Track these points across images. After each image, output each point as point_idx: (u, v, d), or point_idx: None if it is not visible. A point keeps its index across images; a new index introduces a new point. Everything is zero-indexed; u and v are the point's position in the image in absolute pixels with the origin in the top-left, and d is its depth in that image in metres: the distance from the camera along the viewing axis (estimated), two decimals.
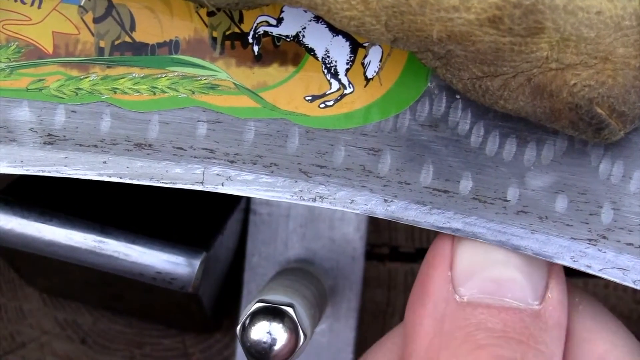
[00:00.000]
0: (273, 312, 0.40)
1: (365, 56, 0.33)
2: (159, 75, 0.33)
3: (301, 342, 0.40)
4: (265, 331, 0.39)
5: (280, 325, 0.39)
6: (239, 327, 0.39)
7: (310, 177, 0.33)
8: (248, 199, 0.51)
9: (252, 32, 0.33)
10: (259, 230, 0.51)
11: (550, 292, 0.31)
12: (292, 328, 0.39)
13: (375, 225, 0.54)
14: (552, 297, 0.31)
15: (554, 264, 0.32)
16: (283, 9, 0.33)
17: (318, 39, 0.33)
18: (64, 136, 0.34)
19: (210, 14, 0.33)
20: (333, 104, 0.33)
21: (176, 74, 0.33)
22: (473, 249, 0.32)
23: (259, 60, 0.33)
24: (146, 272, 0.45)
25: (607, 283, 0.53)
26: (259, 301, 0.40)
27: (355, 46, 0.33)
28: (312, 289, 0.46)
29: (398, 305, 0.55)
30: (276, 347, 0.39)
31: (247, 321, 0.39)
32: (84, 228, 0.46)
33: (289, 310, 0.40)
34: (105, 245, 0.46)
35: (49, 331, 0.57)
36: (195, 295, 0.46)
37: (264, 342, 0.39)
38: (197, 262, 0.45)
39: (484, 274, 0.31)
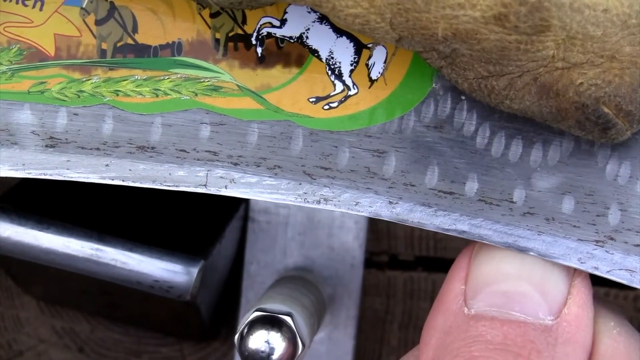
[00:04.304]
0: (271, 321, 0.40)
1: (370, 57, 0.32)
2: (162, 77, 0.33)
3: (299, 351, 0.40)
4: (263, 340, 0.39)
5: (279, 334, 0.39)
6: (237, 336, 0.39)
7: (315, 179, 0.33)
8: (247, 206, 0.51)
9: (255, 34, 0.33)
10: (258, 238, 0.51)
11: (567, 308, 0.31)
12: (291, 337, 0.39)
13: (374, 233, 0.53)
14: (568, 312, 0.31)
15: (578, 279, 0.32)
16: (287, 10, 0.33)
17: (322, 40, 0.32)
18: (66, 139, 0.33)
19: (213, 15, 0.33)
20: (337, 106, 0.33)
21: (179, 75, 0.33)
22: (488, 262, 0.32)
23: (263, 61, 0.33)
24: (144, 280, 0.45)
25: (608, 291, 0.53)
26: (257, 310, 0.40)
27: (359, 47, 0.32)
28: (311, 297, 0.46)
29: (397, 313, 0.55)
30: (274, 356, 0.39)
31: (245, 330, 0.39)
32: (82, 236, 0.46)
33: (287, 319, 0.40)
34: (103, 254, 0.45)
35: (46, 339, 0.56)
36: (193, 304, 0.46)
37: (262, 351, 0.39)
38: (195, 271, 0.45)
39: (494, 287, 0.31)
